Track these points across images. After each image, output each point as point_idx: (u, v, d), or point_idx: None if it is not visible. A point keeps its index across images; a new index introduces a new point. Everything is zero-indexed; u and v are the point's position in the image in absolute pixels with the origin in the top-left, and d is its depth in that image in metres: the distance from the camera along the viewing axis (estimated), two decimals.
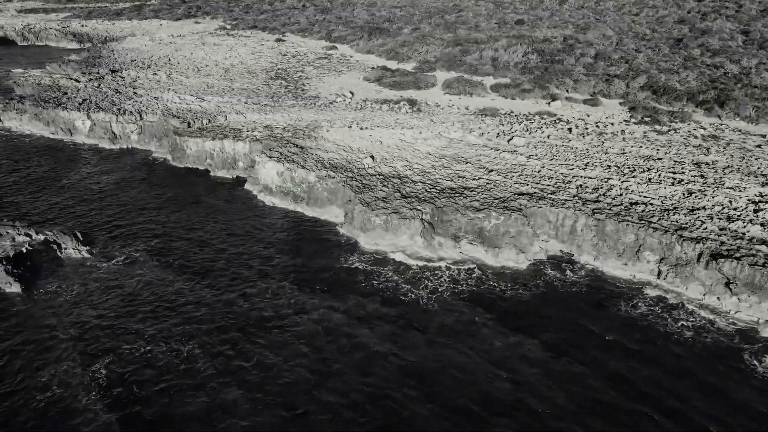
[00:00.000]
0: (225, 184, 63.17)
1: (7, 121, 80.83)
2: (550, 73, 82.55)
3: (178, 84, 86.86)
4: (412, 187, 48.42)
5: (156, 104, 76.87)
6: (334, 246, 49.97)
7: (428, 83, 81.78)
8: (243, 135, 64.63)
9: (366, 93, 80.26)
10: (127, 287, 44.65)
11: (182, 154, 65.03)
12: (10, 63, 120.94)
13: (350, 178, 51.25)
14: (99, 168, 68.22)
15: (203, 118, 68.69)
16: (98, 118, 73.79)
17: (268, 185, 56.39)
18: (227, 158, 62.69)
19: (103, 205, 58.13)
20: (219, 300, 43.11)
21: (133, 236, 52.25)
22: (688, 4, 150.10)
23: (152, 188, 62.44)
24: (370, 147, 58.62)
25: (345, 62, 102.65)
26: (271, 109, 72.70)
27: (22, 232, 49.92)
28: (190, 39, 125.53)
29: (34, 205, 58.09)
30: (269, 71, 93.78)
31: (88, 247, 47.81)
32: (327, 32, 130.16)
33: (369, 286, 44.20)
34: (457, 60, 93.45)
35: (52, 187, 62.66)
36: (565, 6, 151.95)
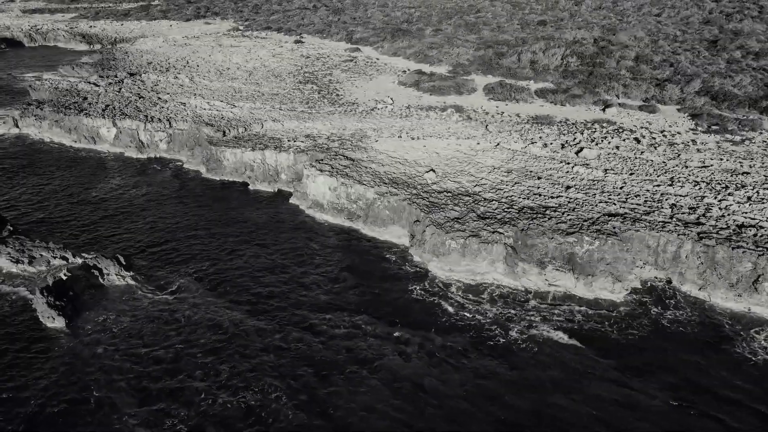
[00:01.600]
0: (267, 199, 59.02)
1: (24, 128, 75.92)
2: (596, 77, 77.47)
3: (202, 88, 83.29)
4: (486, 207, 43.63)
5: (184, 110, 73.05)
6: (402, 271, 45.86)
7: (469, 88, 77.00)
8: (285, 145, 60.77)
9: (406, 99, 76.22)
10: (180, 320, 40.32)
11: (218, 165, 60.05)
12: (20, 65, 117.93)
13: (414, 195, 46.46)
14: (128, 180, 63.98)
15: (238, 126, 63.72)
16: (124, 125, 68.85)
17: (318, 201, 51.46)
18: (269, 170, 57.79)
19: (138, 223, 53.83)
20: (283, 335, 38.75)
21: (176, 259, 48.05)
22: (707, 4, 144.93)
23: (189, 203, 58.15)
24: (427, 159, 54.91)
25: (372, 65, 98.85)
26: (309, 117, 68.91)
27: (57, 254, 45.04)
28: (205, 40, 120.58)
29: (64, 221, 53.80)
30: (296, 75, 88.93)
31: (131, 273, 43.00)
32: (347, 33, 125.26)
33: (449, 320, 40.04)
34: (494, 63, 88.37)
35: (81, 201, 58.29)
36: (582, 7, 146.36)
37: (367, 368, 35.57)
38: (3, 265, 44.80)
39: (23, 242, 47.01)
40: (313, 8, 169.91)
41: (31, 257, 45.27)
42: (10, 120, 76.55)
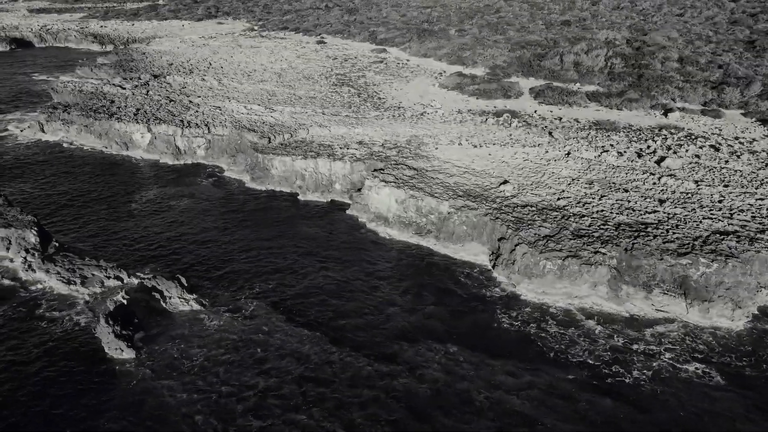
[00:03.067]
0: (320, 210, 55.44)
1: (50, 133, 71.82)
2: (647, 79, 73.63)
3: (233, 91, 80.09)
4: (579, 223, 39.98)
5: (221, 115, 69.66)
6: (486, 293, 42.34)
7: (516, 91, 73.09)
8: (337, 153, 57.37)
9: (453, 103, 72.96)
10: (256, 350, 36.70)
11: (265, 174, 55.95)
12: (33, 66, 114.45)
13: (495, 209, 42.38)
14: (168, 188, 60.23)
15: (283, 132, 59.29)
16: (160, 130, 64.70)
17: (382, 214, 47.50)
18: (321, 180, 53.74)
19: (187, 237, 50.25)
20: (371, 366, 35.08)
21: (236, 278, 44.56)
22: (728, 4, 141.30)
23: (236, 215, 54.38)
24: (497, 169, 51.74)
25: (404, 67, 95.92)
26: (357, 122, 65.33)
27: (111, 274, 40.96)
28: (223, 41, 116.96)
29: (105, 235, 50.30)
30: (328, 77, 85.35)
31: (194, 296, 38.53)
32: (369, 34, 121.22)
33: (554, 352, 36.35)
34: (534, 65, 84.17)
35: (121, 212, 54.74)
36: (600, 6, 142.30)
37: (472, 407, 32.21)
38: (53, 285, 40.64)
39: (72, 260, 42.87)
40: (326, 8, 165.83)
41: (83, 277, 41.16)
42: (36, 124, 72.47)
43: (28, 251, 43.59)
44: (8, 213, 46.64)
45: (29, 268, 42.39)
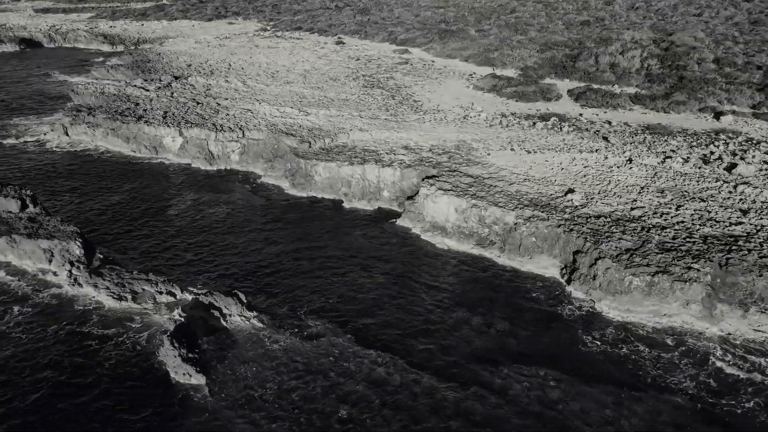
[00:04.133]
0: (368, 219, 53.04)
1: (75, 136, 69.14)
2: (690, 81, 71.29)
3: (260, 93, 77.60)
4: (662, 236, 38.79)
5: (253, 118, 67.10)
6: (562, 311, 39.97)
7: (555, 94, 70.15)
8: (384, 159, 55.02)
9: (493, 106, 70.89)
10: (330, 374, 34.15)
11: (307, 180, 53.38)
12: (45, 67, 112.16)
13: (567, 220, 39.28)
14: (204, 195, 57.84)
15: (323, 137, 56.61)
16: (192, 134, 61.99)
17: (439, 224, 44.95)
18: (369, 187, 51.17)
19: (232, 248, 47.80)
20: (459, 397, 32.63)
21: (291, 293, 42.09)
22: (743, 4, 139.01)
23: (280, 224, 51.97)
24: (558, 176, 49.66)
25: (431, 68, 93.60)
26: (398, 126, 63.14)
27: (162, 289, 38.12)
28: (239, 41, 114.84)
29: (146, 246, 48.01)
30: (355, 78, 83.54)
31: (254, 313, 35.53)
32: (388, 34, 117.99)
33: (653, 377, 33.86)
34: (569, 66, 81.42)
35: (159, 221, 52.28)
36: (615, 6, 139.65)
37: None
38: (103, 301, 37.99)
39: (120, 273, 40.18)
40: (336, 8, 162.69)
41: (133, 292, 38.48)
42: (60, 127, 69.38)
43: (72, 264, 40.81)
44: (48, 223, 43.78)
45: (75, 282, 39.79)
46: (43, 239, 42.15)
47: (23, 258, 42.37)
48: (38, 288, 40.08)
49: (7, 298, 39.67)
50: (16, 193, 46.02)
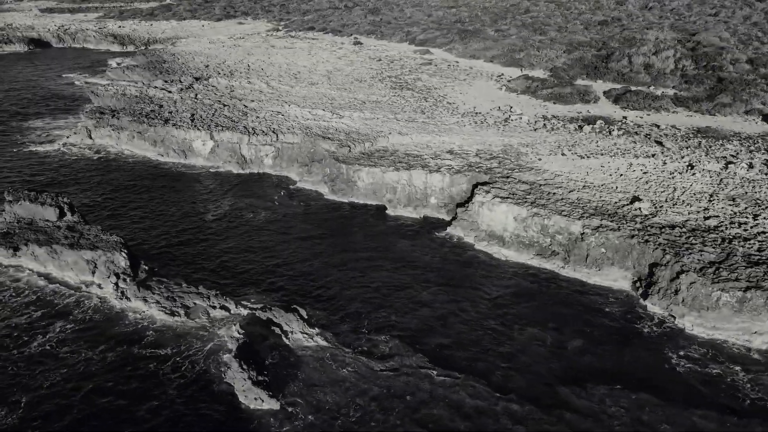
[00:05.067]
0: (414, 227, 51.17)
1: (99, 139, 66.47)
2: (731, 82, 68.80)
3: (286, 95, 75.68)
4: (746, 248, 37.87)
5: (285, 121, 65.15)
6: (641, 327, 37.74)
7: (593, 96, 67.62)
8: (430, 163, 53.07)
9: (531, 108, 69.03)
10: (411, 403, 31.86)
11: (349, 186, 51.04)
12: (57, 68, 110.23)
13: (639, 230, 37.08)
14: (241, 201, 55.71)
15: (362, 141, 54.32)
16: (223, 137, 59.52)
17: (495, 233, 42.67)
18: (415, 193, 48.94)
19: (278, 257, 45.94)
20: (550, 423, 30.44)
21: (351, 309, 39.74)
22: (757, 4, 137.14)
23: (324, 231, 49.95)
24: (619, 183, 47.87)
25: (456, 69, 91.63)
26: (438, 129, 61.14)
27: (215, 303, 35.80)
28: (253, 42, 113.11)
29: (189, 255, 46.06)
30: (381, 79, 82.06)
31: (317, 330, 32.94)
32: (405, 34, 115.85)
33: (749, 401, 31.64)
34: (601, 67, 79.12)
35: (197, 228, 50.32)
36: (628, 5, 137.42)
37: None
38: (155, 316, 35.59)
39: (169, 286, 37.76)
40: (345, 8, 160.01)
41: (185, 307, 36.02)
42: (84, 130, 66.65)
43: (118, 276, 38.18)
44: (89, 233, 41.30)
45: (123, 296, 37.24)
46: (86, 250, 39.82)
47: (64, 269, 40.02)
48: (82, 301, 37.95)
49: (50, 311, 37.83)
50: (53, 200, 43.58)
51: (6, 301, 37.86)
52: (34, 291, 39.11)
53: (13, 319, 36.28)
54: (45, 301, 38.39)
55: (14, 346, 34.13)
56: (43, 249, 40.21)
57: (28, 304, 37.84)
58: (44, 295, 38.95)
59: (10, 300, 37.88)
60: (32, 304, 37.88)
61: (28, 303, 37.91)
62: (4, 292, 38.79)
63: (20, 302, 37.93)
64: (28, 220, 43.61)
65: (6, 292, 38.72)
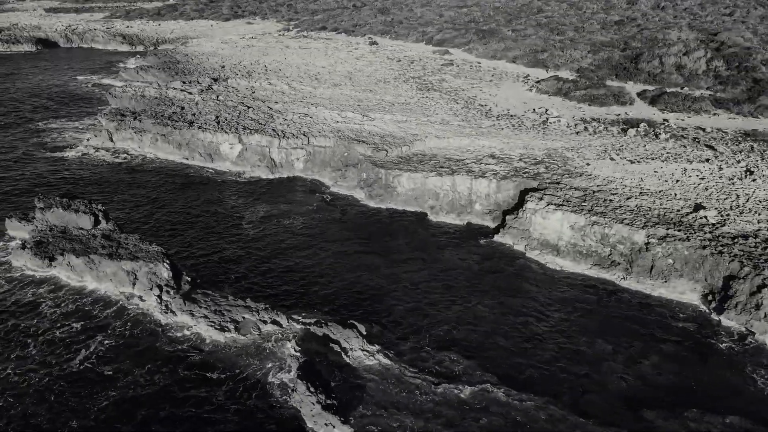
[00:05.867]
0: (459, 235, 49.32)
1: (120, 142, 63.95)
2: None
3: (310, 96, 73.66)
4: None
5: (315, 123, 63.16)
6: (717, 344, 35.55)
7: (628, 97, 65.34)
8: (473, 168, 51.27)
9: (567, 110, 67.37)
10: (484, 425, 29.88)
11: (387, 191, 49.00)
12: (68, 68, 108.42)
13: (710, 240, 34.76)
14: (275, 207, 53.83)
15: (399, 144, 52.71)
16: (252, 141, 57.35)
17: (549, 241, 40.78)
18: (459, 200, 46.82)
19: (322, 267, 43.89)
20: None
21: (407, 324, 37.72)
22: None
23: (365, 239, 48.01)
24: (677, 190, 46.35)
25: (480, 70, 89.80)
26: (474, 132, 59.11)
27: (266, 317, 33.80)
28: (266, 42, 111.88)
29: (229, 264, 43.96)
30: (405, 80, 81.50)
31: (377, 347, 30.74)
32: (420, 34, 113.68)
33: None
34: (631, 68, 77.00)
35: (234, 235, 48.34)
36: (640, 5, 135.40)
37: None
38: (203, 332, 33.41)
39: (215, 299, 35.53)
40: (353, 7, 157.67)
41: (234, 321, 33.44)
42: (105, 133, 64.14)
43: (161, 288, 35.70)
44: (126, 242, 38.83)
45: (168, 310, 34.79)
46: (126, 260, 37.27)
47: (103, 280, 37.80)
48: (123, 315, 35.72)
49: (90, 325, 35.96)
50: (87, 207, 41.07)
51: (45, 313, 35.75)
52: (72, 302, 37.18)
53: (54, 332, 33.99)
54: (84, 313, 36.63)
55: (56, 362, 32.29)
56: (80, 259, 37.99)
57: (67, 317, 35.80)
58: (83, 308, 37.26)
59: (49, 313, 35.81)
60: (71, 316, 35.76)
61: (67, 315, 35.84)
62: (42, 304, 36.66)
63: (59, 315, 35.97)
64: (61, 228, 41.20)
65: (44, 304, 36.51)
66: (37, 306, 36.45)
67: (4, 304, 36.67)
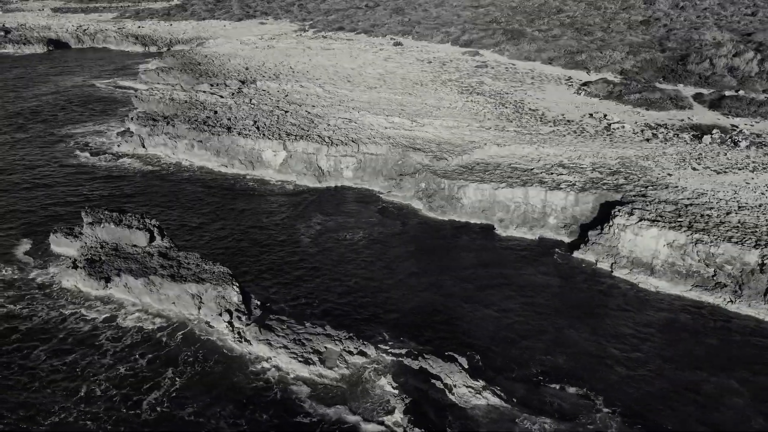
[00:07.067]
0: (533, 250, 46.03)
1: (152, 148, 59.90)
2: None
3: (347, 99, 70.15)
4: None
5: (360, 128, 59.66)
6: None
7: (686, 101, 61.60)
8: (545, 179, 48.17)
9: (626, 116, 63.88)
10: None
11: (450, 203, 45.91)
12: (82, 70, 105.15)
13: None
14: (330, 218, 50.48)
15: (459, 153, 50.47)
16: (298, 148, 53.56)
17: (642, 260, 37.89)
18: (531, 212, 42.84)
19: (390, 287, 40.58)
20: None
21: (506, 352, 34.55)
22: None
23: (434, 256, 44.74)
24: None
25: (517, 72, 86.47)
26: (536, 139, 55.81)
27: (351, 347, 31.34)
28: (286, 42, 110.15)
29: (295, 284, 40.55)
30: (442, 82, 78.25)
31: (482, 383, 26.87)
32: (444, 35, 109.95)
33: None
34: (679, 69, 73.29)
35: (293, 250, 45.05)
36: (658, 4, 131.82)
37: None
38: (285, 365, 30.10)
39: (291, 326, 32.13)
40: (366, 7, 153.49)
41: (316, 352, 29.29)
42: (136, 138, 59.96)
43: (231, 314, 31.62)
44: (187, 261, 34.45)
45: (242, 339, 30.67)
46: (191, 282, 32.92)
47: (164, 303, 33.99)
48: (192, 345, 32.36)
49: (158, 356, 32.68)
50: (141, 222, 37.00)
51: (105, 346, 32.61)
52: (134, 331, 33.53)
53: (118, 368, 30.07)
54: (149, 344, 33.43)
55: (125, 406, 29.57)
56: (139, 281, 34.11)
57: (130, 349, 32.39)
58: (147, 337, 34.13)
59: (109, 344, 32.67)
60: (135, 348, 32.30)
61: (130, 347, 32.35)
62: (100, 334, 32.83)
63: (121, 347, 32.69)
64: (112, 245, 36.80)
65: (103, 335, 32.87)
66: (95, 336, 32.98)
67: (59, 334, 33.60)
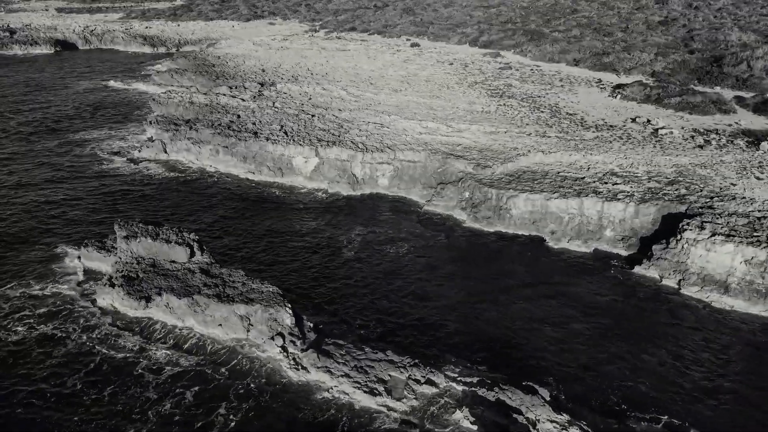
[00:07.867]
0: (589, 264, 43.45)
1: (174, 154, 56.96)
2: None
3: (374, 103, 67.80)
4: None
5: (392, 134, 57.37)
6: None
7: (729, 105, 58.99)
8: (599, 189, 45.82)
9: (667, 119, 61.62)
10: None
11: (497, 213, 43.25)
12: (92, 71, 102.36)
13: None
14: (370, 228, 48.14)
15: (502, 160, 49.41)
16: (330, 154, 50.41)
17: (714, 277, 35.36)
18: (586, 224, 39.82)
19: (449, 305, 38.16)
20: None
21: (574, 378, 31.99)
22: None
23: (487, 271, 42.35)
24: None
25: (544, 74, 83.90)
26: (581, 146, 53.53)
27: (417, 375, 28.94)
28: (300, 43, 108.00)
29: (345, 302, 37.88)
30: (469, 85, 76.05)
31: (566, 417, 23.80)
32: (462, 36, 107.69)
33: None
34: (715, 71, 70.61)
35: (339, 265, 42.47)
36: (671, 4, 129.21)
37: None
38: (348, 395, 28.13)
39: (350, 352, 29.77)
40: (375, 7, 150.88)
41: (380, 381, 26.61)
42: (158, 143, 56.91)
43: (284, 338, 28.58)
44: (231, 279, 31.52)
45: (297, 365, 27.78)
46: (239, 303, 29.81)
47: (210, 325, 31.09)
48: (244, 374, 30.12)
49: (205, 391, 30.02)
50: (180, 237, 33.82)
51: (147, 378, 28.90)
52: (180, 358, 31.25)
53: (164, 404, 27.00)
54: (196, 373, 30.79)
55: None
56: (182, 301, 30.91)
57: (176, 380, 29.64)
58: (194, 365, 31.58)
59: (153, 375, 29.22)
60: (181, 378, 29.78)
61: (176, 377, 29.68)
62: (142, 359, 29.84)
63: (165, 377, 29.26)
64: (149, 261, 33.64)
65: (144, 361, 29.31)
66: (135, 364, 30.10)
67: (95, 358, 30.99)
